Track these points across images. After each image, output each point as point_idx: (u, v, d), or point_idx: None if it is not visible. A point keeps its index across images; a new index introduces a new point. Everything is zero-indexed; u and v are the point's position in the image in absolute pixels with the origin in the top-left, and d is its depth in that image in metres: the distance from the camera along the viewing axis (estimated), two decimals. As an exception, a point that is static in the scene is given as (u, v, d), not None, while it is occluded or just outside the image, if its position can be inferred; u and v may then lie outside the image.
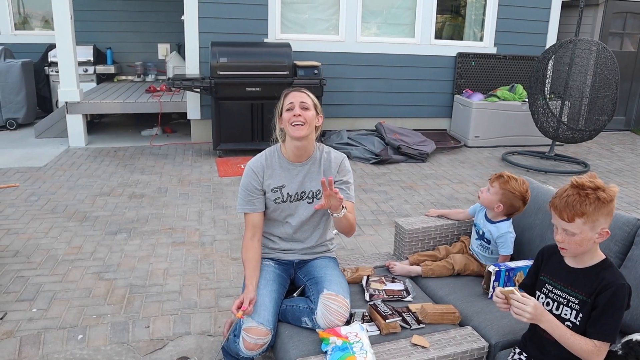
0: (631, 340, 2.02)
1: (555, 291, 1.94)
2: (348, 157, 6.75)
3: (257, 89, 6.42)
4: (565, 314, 1.90)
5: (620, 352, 1.95)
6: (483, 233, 2.72)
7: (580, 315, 1.86)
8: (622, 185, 6.12)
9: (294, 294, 2.48)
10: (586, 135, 6.60)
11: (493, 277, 2.48)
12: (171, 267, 3.79)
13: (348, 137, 6.85)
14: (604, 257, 1.88)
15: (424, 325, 2.29)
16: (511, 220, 2.70)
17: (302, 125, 2.38)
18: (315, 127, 2.49)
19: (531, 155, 7.13)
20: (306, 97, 2.45)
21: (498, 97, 7.55)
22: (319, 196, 2.50)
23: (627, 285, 1.80)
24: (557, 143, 7.10)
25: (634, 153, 7.72)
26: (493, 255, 2.70)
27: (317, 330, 2.18)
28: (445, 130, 8.05)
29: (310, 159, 2.51)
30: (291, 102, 2.41)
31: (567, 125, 6.57)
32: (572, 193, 1.78)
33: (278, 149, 2.53)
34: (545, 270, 2.00)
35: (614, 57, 6.34)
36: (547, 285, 1.97)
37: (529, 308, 1.80)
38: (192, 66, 7.05)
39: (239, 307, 2.24)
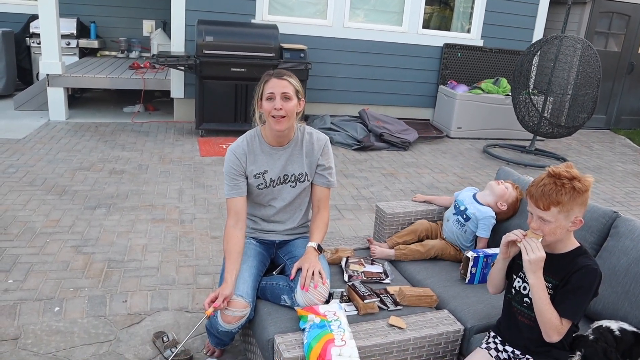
0: (601, 326, 2.08)
1: (532, 276, 1.98)
2: (330, 142, 6.80)
3: (242, 69, 6.37)
4: (541, 298, 1.94)
5: (591, 337, 2.01)
6: (465, 209, 2.77)
7: (552, 299, 1.91)
8: (599, 182, 6.23)
9: (274, 272, 2.49)
10: (566, 131, 6.69)
11: (471, 263, 2.52)
12: (150, 244, 3.78)
13: (331, 122, 6.85)
14: (578, 244, 1.93)
15: (401, 307, 2.32)
16: None
17: (283, 117, 2.32)
18: (297, 112, 2.40)
19: (512, 149, 7.22)
20: (288, 86, 2.32)
21: (482, 90, 7.60)
22: (301, 180, 2.50)
23: (599, 271, 1.85)
24: (537, 138, 7.19)
25: (612, 151, 7.86)
26: (466, 234, 2.75)
27: (295, 308, 2.20)
28: (429, 120, 8.10)
29: (292, 142, 2.47)
30: (272, 92, 2.30)
31: (549, 121, 6.65)
32: (548, 182, 1.82)
33: (259, 133, 2.47)
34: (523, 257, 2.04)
35: (597, 55, 6.42)
36: (523, 270, 2.01)
37: (539, 254, 1.83)
38: (177, 44, 6.97)
39: (212, 301, 2.19)
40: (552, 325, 1.85)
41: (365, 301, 2.24)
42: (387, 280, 2.54)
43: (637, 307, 2.18)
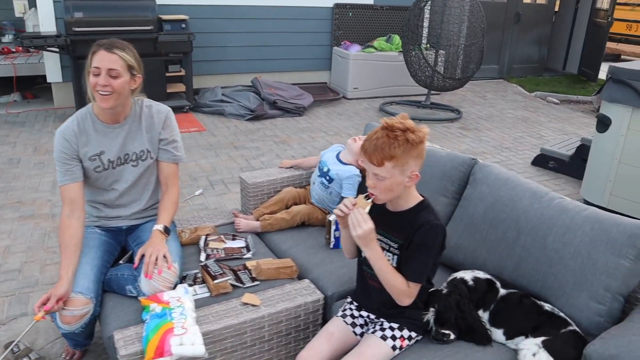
0: (455, 278, 2.04)
1: (379, 237, 1.88)
2: (222, 114, 6.58)
3: (120, 46, 5.95)
4: (388, 259, 1.85)
5: (444, 291, 1.95)
6: (328, 170, 2.65)
7: (399, 259, 1.83)
8: (490, 130, 6.37)
9: (121, 261, 2.28)
10: (457, 83, 6.77)
11: (333, 227, 2.42)
12: (14, 244, 3.45)
13: (222, 94, 6.58)
14: (421, 198, 1.84)
15: (259, 283, 2.19)
16: None
17: (110, 95, 2.08)
18: (132, 89, 2.18)
19: (408, 105, 7.24)
20: (117, 61, 2.07)
21: (375, 48, 7.54)
22: (143, 157, 2.28)
23: (441, 226, 1.77)
24: (433, 92, 7.24)
25: (504, 100, 8.06)
26: (331, 196, 2.65)
27: (139, 298, 2.01)
28: (326, 83, 7.98)
29: (129, 118, 2.25)
30: (97, 67, 2.06)
31: (442, 75, 6.69)
32: (381, 135, 1.70)
33: (90, 111, 2.22)
34: (371, 216, 1.94)
35: (480, 5, 6.48)
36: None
37: (366, 226, 1.70)
38: (46, 23, 6.41)
39: (44, 303, 1.94)
40: (400, 290, 1.78)
41: (215, 281, 2.08)
42: (248, 255, 2.39)
43: (493, 253, 2.16)
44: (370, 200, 1.76)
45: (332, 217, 2.42)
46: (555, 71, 10.29)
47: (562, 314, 1.91)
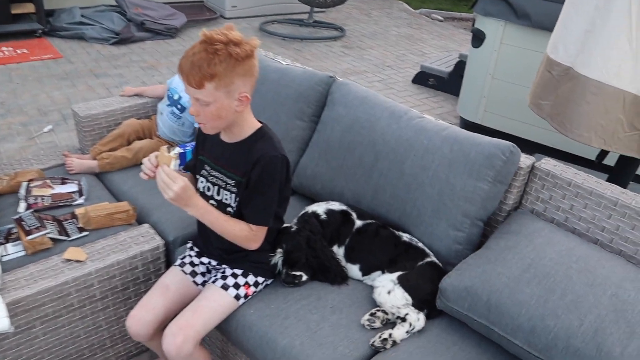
0: (307, 212, 1.86)
1: (214, 173, 1.63)
2: (83, 38, 5.88)
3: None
4: (226, 199, 1.62)
5: (294, 228, 1.76)
6: (179, 98, 2.36)
7: (238, 198, 1.59)
8: (372, 48, 6.19)
9: None
10: (339, -1, 6.47)
11: (178, 161, 2.12)
12: None
13: (82, 16, 5.83)
14: (258, 125, 1.59)
15: (88, 233, 1.89)
16: None
17: None
18: None
19: (290, 24, 6.86)
20: None
21: (253, -38, 6.99)
22: None
23: (279, 157, 1.53)
24: (316, 10, 6.89)
25: (389, 17, 7.87)
26: (184, 127, 2.38)
27: None
28: (202, 1, 7.35)
29: None
30: None
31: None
32: (199, 50, 1.40)
33: None
34: (205, 148, 1.68)
35: None
36: (206, 167, 1.66)
37: (176, 187, 1.45)
38: None
39: None
40: (243, 237, 1.57)
41: (29, 237, 1.76)
42: (80, 201, 2.07)
43: (350, 181, 1.99)
44: (173, 153, 1.49)
45: (174, 151, 2.12)
46: (441, -13, 10.21)
47: (420, 245, 1.79)
